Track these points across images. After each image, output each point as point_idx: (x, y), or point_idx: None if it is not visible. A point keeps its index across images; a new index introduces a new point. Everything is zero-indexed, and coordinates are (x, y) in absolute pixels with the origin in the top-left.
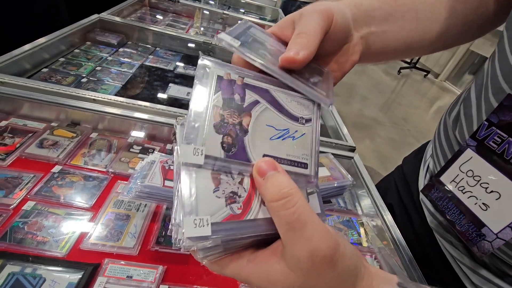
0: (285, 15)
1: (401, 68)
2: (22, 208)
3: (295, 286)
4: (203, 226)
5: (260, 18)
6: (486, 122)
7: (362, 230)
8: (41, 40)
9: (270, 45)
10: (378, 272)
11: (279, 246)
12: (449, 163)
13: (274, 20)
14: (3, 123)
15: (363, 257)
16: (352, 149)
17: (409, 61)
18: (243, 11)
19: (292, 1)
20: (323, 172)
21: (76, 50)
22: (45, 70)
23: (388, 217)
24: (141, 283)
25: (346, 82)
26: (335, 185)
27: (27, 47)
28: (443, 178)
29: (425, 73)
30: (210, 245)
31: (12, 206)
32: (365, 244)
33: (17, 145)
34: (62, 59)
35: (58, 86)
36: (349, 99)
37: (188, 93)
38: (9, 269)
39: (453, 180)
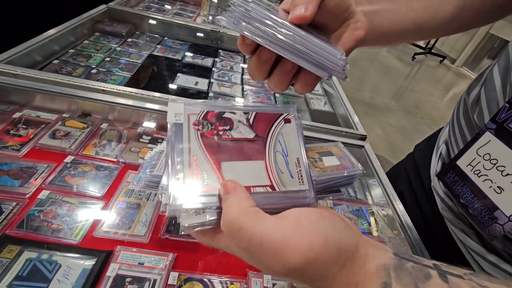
0: None
1: (416, 54)
2: (37, 197)
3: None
4: (200, 214)
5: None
6: (507, 104)
7: (372, 220)
8: (51, 31)
9: (277, 10)
10: (372, 241)
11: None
12: (466, 147)
13: None
14: (17, 114)
15: (354, 226)
16: (363, 138)
17: (424, 46)
18: None
19: None
20: (332, 161)
21: (86, 41)
22: (55, 61)
23: (399, 206)
24: (152, 270)
25: (357, 70)
26: (345, 174)
27: (37, 39)
28: (459, 162)
29: (441, 59)
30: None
31: (27, 195)
32: (375, 233)
33: (31, 136)
34: (71, 51)
35: (68, 77)
36: (360, 86)
37: (197, 83)
38: (27, 255)
39: (469, 164)
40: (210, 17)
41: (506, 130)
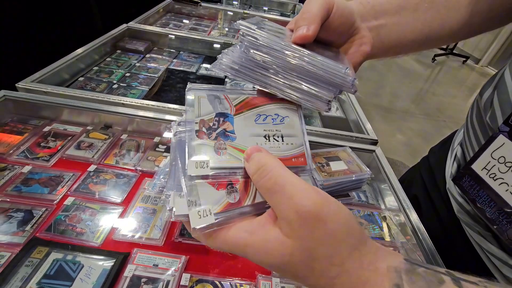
0: None
1: (436, 55)
2: (64, 203)
3: (294, 253)
4: (207, 215)
5: (282, 15)
6: None
7: (384, 225)
8: (78, 51)
9: (282, 31)
10: (383, 247)
11: (272, 215)
12: (480, 151)
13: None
14: (47, 128)
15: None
16: (374, 143)
17: (444, 47)
18: (266, 8)
19: None
20: (340, 165)
21: (108, 59)
22: (81, 78)
23: (412, 212)
24: (166, 271)
25: (375, 74)
26: (353, 178)
27: (65, 58)
28: (474, 166)
29: (464, 59)
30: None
31: (55, 202)
32: (387, 238)
33: (59, 148)
34: (95, 68)
35: (92, 93)
36: (378, 91)
37: None
38: (54, 256)
39: (484, 168)
40: (226, 29)
41: None
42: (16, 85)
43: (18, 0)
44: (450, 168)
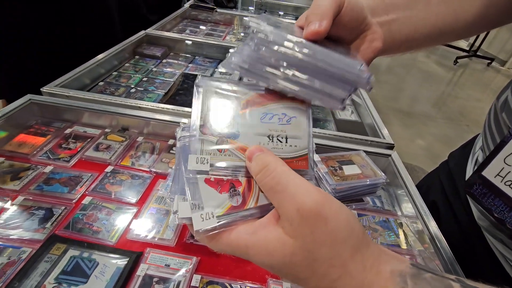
0: None
1: (458, 57)
2: (82, 202)
3: (295, 253)
4: (210, 218)
5: (297, 19)
6: None
7: (400, 232)
8: (99, 57)
9: (292, 27)
10: (388, 251)
11: (275, 215)
12: (491, 156)
13: None
14: (68, 130)
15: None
16: (391, 147)
17: (467, 49)
18: (281, 13)
19: None
20: (353, 170)
21: (127, 64)
22: (101, 83)
23: (429, 219)
24: (177, 272)
25: (393, 77)
26: (367, 182)
27: (87, 64)
28: (485, 173)
29: (489, 61)
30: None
31: (74, 201)
32: (404, 246)
33: (79, 149)
34: (115, 73)
35: (111, 97)
36: (396, 94)
37: None
38: (71, 253)
39: (498, 174)
40: (242, 34)
41: None
42: (41, 89)
43: (45, 12)
44: (471, 173)
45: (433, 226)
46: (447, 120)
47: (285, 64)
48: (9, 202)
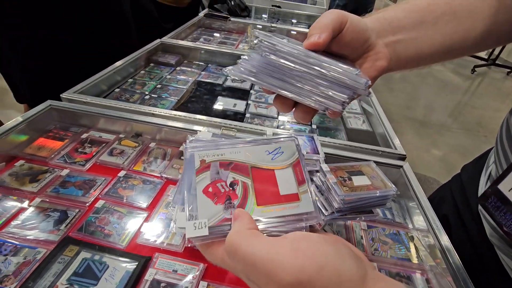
0: None
1: (476, 66)
2: (95, 205)
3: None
4: (202, 228)
5: (309, 27)
6: None
7: (411, 245)
8: (116, 64)
9: (296, 42)
10: (385, 277)
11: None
12: (507, 170)
13: None
14: (85, 135)
15: (365, 258)
16: (402, 158)
17: (486, 57)
18: (294, 21)
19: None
20: (363, 180)
21: (142, 71)
22: (117, 90)
23: (442, 233)
24: (184, 277)
25: (407, 86)
26: (377, 194)
27: (104, 71)
28: (501, 186)
29: (509, 70)
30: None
31: (87, 204)
32: (414, 260)
33: (94, 153)
34: (130, 80)
35: (126, 103)
36: (411, 103)
37: (235, 105)
38: (83, 255)
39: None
40: (254, 41)
41: None
42: (60, 95)
43: (68, 23)
44: (484, 187)
45: (445, 240)
46: (464, 130)
47: (290, 70)
48: (27, 203)
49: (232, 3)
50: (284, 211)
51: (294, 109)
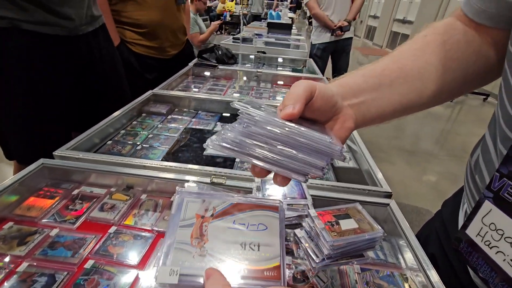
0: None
1: None
2: (84, 266)
3: None
4: (172, 275)
5: (294, 70)
6: (497, 173)
7: (406, 286)
8: (109, 118)
9: (273, 110)
10: None
11: None
12: (471, 216)
13: (307, 70)
14: (76, 191)
15: None
16: (388, 195)
17: None
18: (281, 60)
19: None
20: (350, 224)
21: (134, 122)
22: (109, 142)
23: (432, 272)
24: None
25: None
26: (366, 237)
27: (97, 126)
28: (469, 231)
29: (484, 97)
30: None
31: (76, 265)
32: None
33: (85, 210)
34: (122, 131)
35: (117, 157)
36: (397, 133)
37: None
38: None
39: (478, 234)
40: (245, 83)
41: (503, 200)
42: (53, 153)
43: (67, 82)
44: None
45: (436, 281)
46: (451, 157)
47: (269, 140)
48: (13, 269)
49: (220, 53)
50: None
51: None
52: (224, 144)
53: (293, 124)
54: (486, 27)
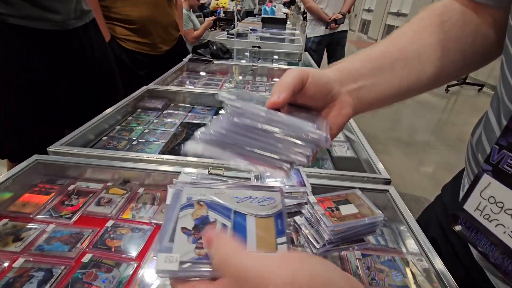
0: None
1: (449, 86)
2: (82, 260)
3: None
4: (172, 262)
5: (289, 63)
6: (496, 146)
7: (407, 271)
8: (103, 114)
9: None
10: None
11: None
12: (469, 190)
13: (302, 63)
14: (71, 187)
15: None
16: (388, 182)
17: None
18: (276, 57)
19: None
20: (350, 209)
21: (129, 118)
22: (104, 138)
23: (434, 256)
24: None
25: (389, 110)
26: (366, 221)
27: (92, 121)
28: (467, 207)
29: (479, 87)
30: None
31: (74, 259)
32: (412, 286)
33: (81, 205)
34: (118, 127)
35: (112, 151)
36: (394, 125)
37: None
38: None
39: (477, 208)
40: (240, 77)
41: (503, 172)
42: (47, 149)
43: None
44: None
45: (438, 264)
46: (447, 147)
47: (254, 130)
48: (9, 265)
49: (214, 48)
50: None
51: None
52: (208, 138)
53: (275, 112)
54: (484, 5)
